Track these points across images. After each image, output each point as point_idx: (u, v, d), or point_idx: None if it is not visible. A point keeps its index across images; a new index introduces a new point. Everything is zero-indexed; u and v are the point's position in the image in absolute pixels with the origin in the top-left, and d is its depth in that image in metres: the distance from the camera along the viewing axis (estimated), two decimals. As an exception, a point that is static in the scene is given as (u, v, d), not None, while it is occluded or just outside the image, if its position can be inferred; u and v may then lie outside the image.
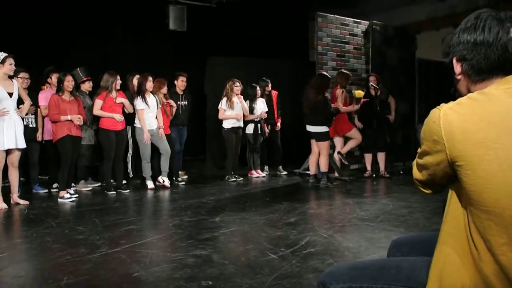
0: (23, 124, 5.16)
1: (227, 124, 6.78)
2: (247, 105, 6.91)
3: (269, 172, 7.47)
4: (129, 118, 6.06)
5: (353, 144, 6.89)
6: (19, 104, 5.11)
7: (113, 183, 5.93)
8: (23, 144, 5.03)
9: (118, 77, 5.82)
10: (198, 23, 8.35)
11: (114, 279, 2.83)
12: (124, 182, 6.12)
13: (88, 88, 6.11)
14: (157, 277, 2.81)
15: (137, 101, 6.00)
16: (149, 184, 6.10)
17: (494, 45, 1.11)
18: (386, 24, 7.89)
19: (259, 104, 7.01)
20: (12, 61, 4.90)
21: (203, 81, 8.27)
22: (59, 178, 5.45)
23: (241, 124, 6.89)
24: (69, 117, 5.34)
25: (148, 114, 6.05)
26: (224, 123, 6.80)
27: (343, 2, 8.25)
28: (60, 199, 5.32)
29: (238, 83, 6.77)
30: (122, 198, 5.52)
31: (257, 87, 7.02)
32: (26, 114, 5.44)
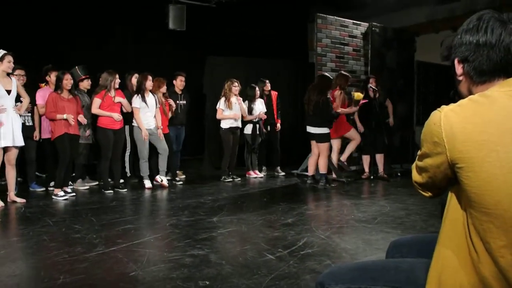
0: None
1: (225, 124, 6.78)
2: (246, 106, 6.91)
3: (267, 173, 7.47)
4: (127, 117, 6.05)
5: (353, 147, 6.91)
6: (17, 102, 5.09)
7: (111, 182, 5.91)
8: (21, 142, 5.02)
9: (117, 76, 5.82)
10: (198, 23, 8.35)
11: (111, 278, 2.82)
12: (122, 181, 6.11)
13: (87, 87, 6.10)
14: (154, 277, 2.80)
15: (135, 100, 5.99)
16: (147, 184, 6.09)
17: (497, 47, 1.11)
18: (386, 26, 7.90)
19: (258, 105, 7.01)
20: (11, 59, 4.89)
21: (202, 81, 8.27)
22: (56, 176, 5.43)
23: (239, 124, 6.88)
24: (65, 116, 5.32)
25: (147, 114, 6.04)
26: (222, 123, 6.80)
27: (343, 4, 8.26)
28: (54, 197, 5.30)
29: (237, 83, 6.77)
30: (120, 197, 5.50)
31: (256, 88, 7.02)
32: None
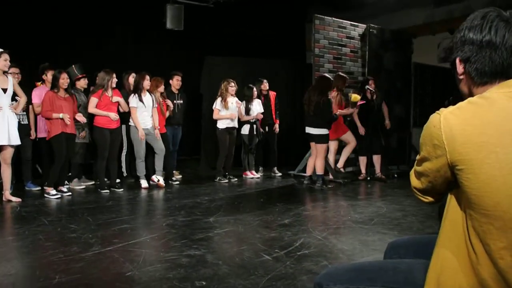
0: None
1: (222, 124, 6.76)
2: (244, 106, 6.91)
3: (264, 173, 7.46)
4: (124, 117, 6.03)
5: (349, 151, 6.92)
6: (12, 101, 5.06)
7: (107, 182, 5.90)
8: (17, 141, 4.99)
9: (114, 76, 5.80)
10: (195, 23, 8.33)
11: (107, 278, 2.81)
12: (118, 181, 6.08)
13: (84, 85, 6.07)
14: (150, 277, 2.79)
15: (132, 99, 5.98)
16: (143, 183, 6.07)
17: (500, 49, 1.10)
18: (383, 28, 7.91)
19: (255, 105, 7.00)
20: (7, 57, 4.86)
21: (200, 81, 8.25)
22: (50, 175, 5.40)
23: (236, 125, 6.87)
24: (61, 115, 5.30)
25: (143, 113, 6.02)
26: (219, 123, 6.78)
27: (341, 5, 8.27)
28: (46, 195, 5.28)
29: (233, 83, 6.76)
30: (116, 197, 5.48)
31: (254, 88, 7.01)
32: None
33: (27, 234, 3.74)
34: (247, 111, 6.92)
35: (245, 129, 7.00)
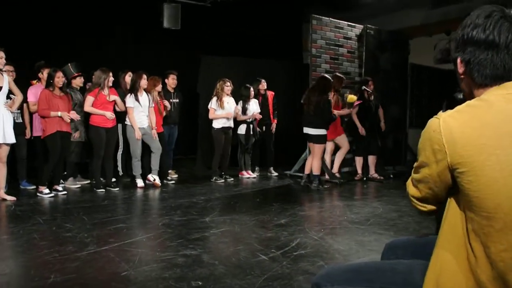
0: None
1: (217, 124, 6.75)
2: (241, 106, 6.90)
3: (260, 173, 7.45)
4: (120, 116, 6.00)
5: (341, 156, 6.93)
6: (6, 99, 5.03)
7: (103, 181, 5.86)
8: (12, 139, 4.95)
9: (111, 74, 5.77)
10: (193, 22, 8.31)
11: (102, 278, 2.79)
12: (114, 180, 6.06)
13: (79, 84, 6.05)
14: (146, 277, 2.78)
15: (128, 99, 5.95)
16: (139, 183, 6.05)
17: (502, 51, 1.09)
18: (380, 29, 7.93)
19: (252, 105, 6.99)
20: (3, 55, 4.82)
21: (197, 80, 8.24)
22: (43, 173, 5.36)
23: (231, 124, 6.86)
24: (59, 114, 5.27)
25: (140, 113, 6.00)
26: (214, 123, 6.76)
27: (338, 6, 8.27)
28: (39, 194, 5.25)
29: (229, 83, 6.74)
30: (111, 196, 5.46)
31: (251, 88, 7.00)
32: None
33: (22, 233, 3.72)
34: (244, 111, 6.91)
35: (242, 129, 6.99)
